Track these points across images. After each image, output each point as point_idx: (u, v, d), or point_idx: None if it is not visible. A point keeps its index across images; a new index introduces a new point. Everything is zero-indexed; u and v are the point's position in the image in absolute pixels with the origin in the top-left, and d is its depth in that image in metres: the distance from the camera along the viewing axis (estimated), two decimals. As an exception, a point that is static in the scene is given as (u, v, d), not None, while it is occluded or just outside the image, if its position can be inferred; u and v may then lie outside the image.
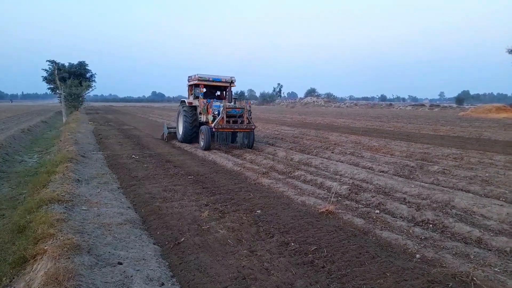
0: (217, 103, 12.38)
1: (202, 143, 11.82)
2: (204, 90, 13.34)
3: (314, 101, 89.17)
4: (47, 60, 42.99)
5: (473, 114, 37.11)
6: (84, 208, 5.52)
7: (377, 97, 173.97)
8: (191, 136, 13.11)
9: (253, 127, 11.83)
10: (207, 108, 12.59)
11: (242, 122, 11.56)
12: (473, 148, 11.97)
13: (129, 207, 5.94)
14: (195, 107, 13.32)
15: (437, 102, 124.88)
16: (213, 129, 11.26)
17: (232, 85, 13.31)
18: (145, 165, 9.28)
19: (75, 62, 47.46)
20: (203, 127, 11.93)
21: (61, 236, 3.97)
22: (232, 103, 12.18)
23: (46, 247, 3.71)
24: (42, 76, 43.57)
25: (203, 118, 13.09)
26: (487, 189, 6.69)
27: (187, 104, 13.32)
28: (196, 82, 13.00)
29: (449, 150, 11.45)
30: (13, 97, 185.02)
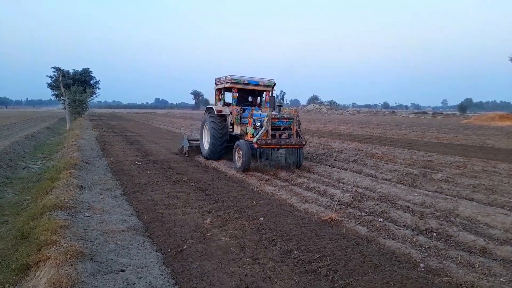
0: (258, 112, 10.08)
1: (239, 163, 9.42)
2: (237, 95, 11.04)
3: (316, 108, 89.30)
4: (52, 67, 43.45)
5: (476, 122, 37.00)
6: (87, 215, 5.53)
7: (380, 104, 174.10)
8: (220, 152, 10.85)
9: (304, 142, 9.53)
10: (240, 118, 10.59)
11: (290, 135, 9.37)
12: (476, 156, 11.91)
13: (132, 214, 5.95)
14: (224, 116, 10.97)
15: (440, 110, 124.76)
16: (255, 145, 8.95)
17: (273, 89, 11.04)
18: (148, 172, 9.30)
19: (80, 69, 47.92)
20: (240, 142, 9.52)
21: (64, 243, 3.98)
22: (276, 112, 9.66)
23: (49, 254, 3.71)
24: (47, 83, 44.01)
25: (235, 129, 10.86)
26: (491, 197, 6.66)
27: (215, 112, 10.83)
28: (228, 85, 10.72)
29: (453, 158, 11.40)
30: (17, 103, 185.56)
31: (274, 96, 10.43)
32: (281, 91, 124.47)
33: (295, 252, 4.33)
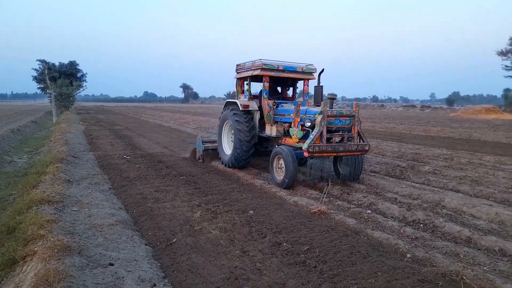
0: (305, 107, 7.53)
1: (279, 177, 7.13)
2: (268, 85, 8.54)
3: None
4: (37, 60, 42.57)
5: (463, 115, 37.58)
6: (75, 209, 5.46)
7: (369, 98, 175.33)
8: (247, 159, 8.57)
9: (367, 147, 7.06)
10: (273, 115, 8.32)
11: (350, 139, 7.07)
12: (463, 149, 12.12)
13: (120, 208, 5.90)
14: (251, 113, 8.60)
15: (428, 103, 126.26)
16: (305, 153, 6.60)
17: (319, 77, 8.19)
18: (137, 166, 9.23)
19: (66, 61, 47.09)
20: (282, 149, 7.04)
21: (52, 237, 3.93)
22: (329, 107, 6.84)
23: (36, 249, 3.67)
24: (32, 76, 43.13)
25: (267, 130, 8.52)
26: (476, 189, 6.79)
27: (241, 108, 8.45)
28: (257, 72, 8.17)
29: (440, 150, 11.57)
30: (2, 97, 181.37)
31: (322, 86, 7.93)
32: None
33: (285, 244, 4.36)
